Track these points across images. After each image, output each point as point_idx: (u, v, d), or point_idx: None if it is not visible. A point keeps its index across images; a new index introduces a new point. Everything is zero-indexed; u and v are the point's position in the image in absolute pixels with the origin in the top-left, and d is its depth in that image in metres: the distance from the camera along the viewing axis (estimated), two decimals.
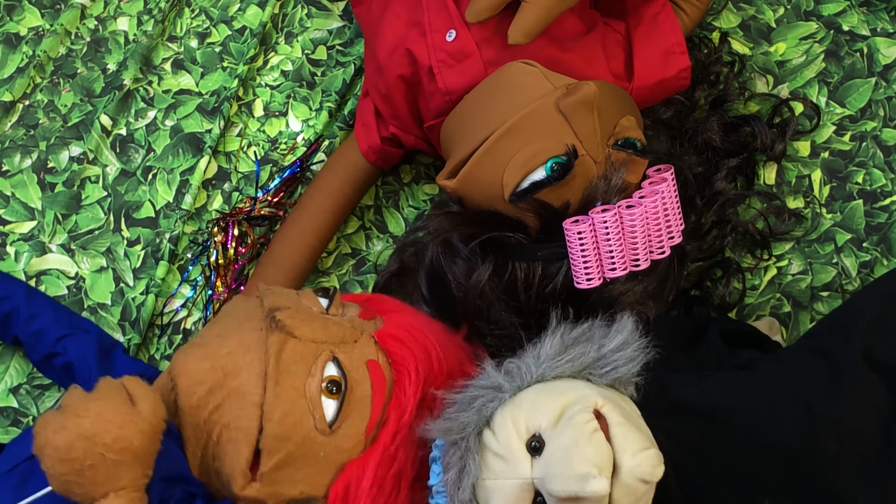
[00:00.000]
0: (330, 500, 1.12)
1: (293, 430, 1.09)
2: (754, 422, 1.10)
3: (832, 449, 1.07)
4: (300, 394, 1.10)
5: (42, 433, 0.97)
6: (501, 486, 1.07)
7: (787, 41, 1.51)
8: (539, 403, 1.09)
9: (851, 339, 1.12)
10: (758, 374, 1.15)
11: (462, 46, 1.32)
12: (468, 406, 1.12)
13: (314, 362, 1.12)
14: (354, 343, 1.16)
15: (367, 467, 1.12)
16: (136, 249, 1.50)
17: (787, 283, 1.44)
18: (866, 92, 1.49)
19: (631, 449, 1.03)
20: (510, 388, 1.12)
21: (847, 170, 1.47)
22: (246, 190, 1.53)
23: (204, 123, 1.55)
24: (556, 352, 1.13)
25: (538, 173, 1.21)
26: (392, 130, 1.43)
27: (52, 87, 1.57)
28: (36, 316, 1.37)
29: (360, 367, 1.14)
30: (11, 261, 1.49)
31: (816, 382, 1.10)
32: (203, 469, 1.14)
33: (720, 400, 1.13)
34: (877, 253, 1.44)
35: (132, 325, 1.46)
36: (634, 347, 1.13)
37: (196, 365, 1.11)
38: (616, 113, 1.23)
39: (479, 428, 1.11)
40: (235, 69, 1.57)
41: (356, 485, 1.12)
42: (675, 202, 1.22)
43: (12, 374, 1.43)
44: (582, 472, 1.00)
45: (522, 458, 1.07)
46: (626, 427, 1.04)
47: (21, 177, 1.53)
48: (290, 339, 1.12)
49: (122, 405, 0.99)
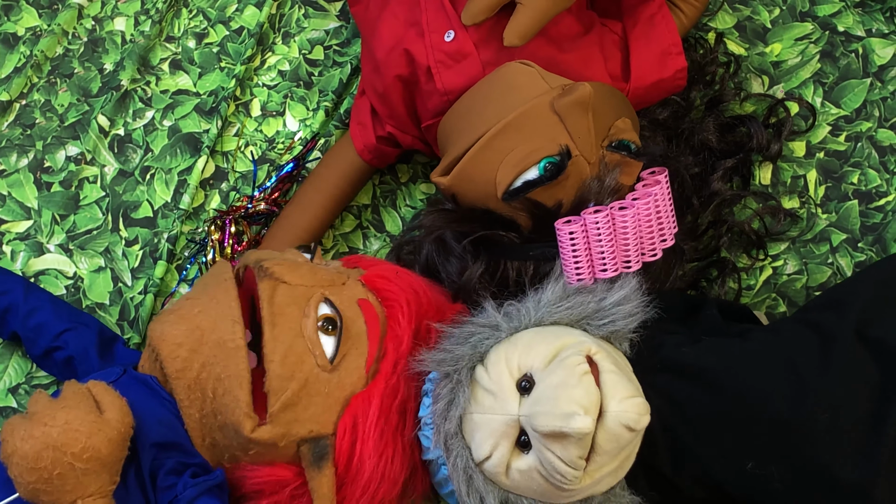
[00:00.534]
0: (339, 434, 1.15)
1: (296, 369, 1.12)
2: (744, 387, 1.12)
3: (821, 420, 1.08)
4: (297, 333, 1.13)
5: (10, 440, 0.98)
6: (488, 421, 1.10)
7: (782, 42, 1.52)
8: (534, 345, 1.12)
9: (846, 315, 1.14)
10: (751, 342, 1.17)
11: (460, 47, 1.33)
12: (464, 341, 1.15)
13: (307, 304, 1.15)
14: (342, 285, 1.20)
15: (373, 398, 1.16)
16: (135, 249, 1.50)
17: (783, 283, 1.45)
18: (861, 92, 1.49)
19: (619, 395, 1.05)
20: (507, 329, 1.16)
21: (842, 170, 1.47)
22: (243, 189, 1.53)
23: (202, 123, 1.56)
24: (557, 298, 1.16)
25: (531, 172, 1.21)
26: (389, 130, 1.43)
27: (49, 86, 1.57)
28: (35, 310, 1.37)
29: (352, 305, 1.18)
30: (8, 260, 1.48)
31: (809, 354, 1.12)
32: (206, 431, 1.15)
33: (712, 362, 1.14)
34: (872, 253, 1.45)
35: (131, 325, 1.46)
36: (635, 304, 1.16)
37: (172, 329, 1.14)
38: (611, 114, 1.24)
39: (472, 362, 1.15)
40: (233, 69, 1.57)
41: (363, 417, 1.15)
42: (668, 205, 1.22)
43: (11, 374, 1.43)
44: (568, 411, 1.02)
45: (511, 395, 1.09)
46: (616, 375, 1.07)
47: (17, 176, 1.53)
48: (280, 284, 1.15)
49: (89, 413, 1.00)
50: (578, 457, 1.04)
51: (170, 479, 1.12)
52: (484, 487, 1.13)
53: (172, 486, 1.12)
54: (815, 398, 1.09)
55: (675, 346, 1.18)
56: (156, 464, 1.11)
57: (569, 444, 1.03)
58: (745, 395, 1.12)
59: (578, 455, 1.04)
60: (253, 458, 1.14)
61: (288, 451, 1.14)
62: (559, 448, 1.04)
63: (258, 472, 1.15)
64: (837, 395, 1.09)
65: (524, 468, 1.10)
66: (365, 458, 1.15)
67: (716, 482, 1.14)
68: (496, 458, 1.10)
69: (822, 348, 1.12)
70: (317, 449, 1.14)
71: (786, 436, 1.10)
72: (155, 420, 1.13)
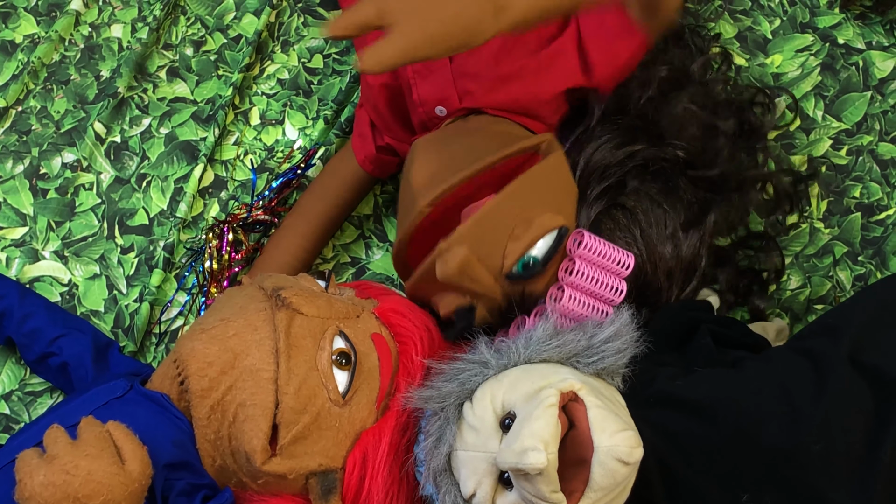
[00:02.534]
0: (348, 467, 1.14)
1: (308, 402, 1.11)
2: (738, 417, 1.11)
3: (815, 448, 1.07)
4: (312, 367, 1.12)
5: (28, 484, 0.96)
6: (472, 458, 1.09)
7: (783, 53, 1.52)
8: (519, 383, 1.10)
9: (840, 341, 1.12)
10: (744, 372, 1.16)
11: None
12: (453, 377, 1.14)
13: (322, 336, 1.14)
14: (357, 318, 1.19)
15: (384, 434, 1.15)
16: (130, 257, 1.48)
17: (787, 298, 1.44)
18: (862, 106, 1.50)
19: (609, 430, 1.03)
20: (496, 366, 1.14)
21: (844, 184, 1.47)
22: (242, 198, 1.52)
23: (199, 131, 1.54)
24: (547, 336, 1.15)
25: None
26: (387, 140, 1.43)
27: (46, 93, 1.56)
28: (30, 316, 1.35)
29: (366, 340, 1.17)
30: (3, 266, 1.47)
31: (802, 382, 1.11)
32: (218, 453, 1.14)
33: (706, 394, 1.13)
34: (871, 266, 1.44)
35: (126, 333, 1.44)
36: (624, 340, 1.14)
37: (204, 348, 1.12)
38: (500, 242, 1.20)
39: (460, 399, 1.13)
40: (230, 77, 1.57)
41: (374, 452, 1.15)
42: (595, 271, 1.22)
43: (4, 381, 1.41)
44: (525, 446, 1.00)
45: (494, 432, 1.08)
46: (603, 410, 1.05)
47: (13, 183, 1.51)
48: (296, 315, 1.14)
49: (112, 465, 0.98)
50: (551, 491, 1.02)
51: (180, 501, 1.10)
52: None
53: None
54: (808, 426, 1.08)
55: (667, 379, 1.17)
56: (167, 485, 1.10)
57: (534, 480, 1.01)
58: (738, 425, 1.11)
59: (550, 490, 1.01)
60: (261, 487, 1.14)
61: (296, 484, 1.14)
62: (528, 485, 1.02)
63: (265, 502, 1.14)
64: (831, 422, 1.08)
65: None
66: (373, 493, 1.15)
67: None
68: (480, 496, 1.09)
69: (815, 376, 1.11)
70: (325, 482, 1.14)
71: (780, 465, 1.09)
72: (167, 440, 1.11)
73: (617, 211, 1.28)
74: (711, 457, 1.11)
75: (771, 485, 1.09)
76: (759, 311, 1.41)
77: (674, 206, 1.29)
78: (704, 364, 1.20)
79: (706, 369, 1.18)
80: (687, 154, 1.30)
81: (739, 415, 1.11)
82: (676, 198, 1.29)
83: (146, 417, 1.12)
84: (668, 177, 1.29)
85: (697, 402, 1.13)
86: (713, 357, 1.22)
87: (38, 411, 1.41)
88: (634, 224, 1.28)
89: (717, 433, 1.11)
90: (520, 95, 1.30)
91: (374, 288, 1.32)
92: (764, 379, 1.14)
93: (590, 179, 1.27)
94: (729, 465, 1.11)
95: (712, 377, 1.16)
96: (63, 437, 1.00)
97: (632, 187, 1.28)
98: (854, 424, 1.08)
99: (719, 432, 1.11)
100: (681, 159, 1.29)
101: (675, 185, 1.29)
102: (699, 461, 1.12)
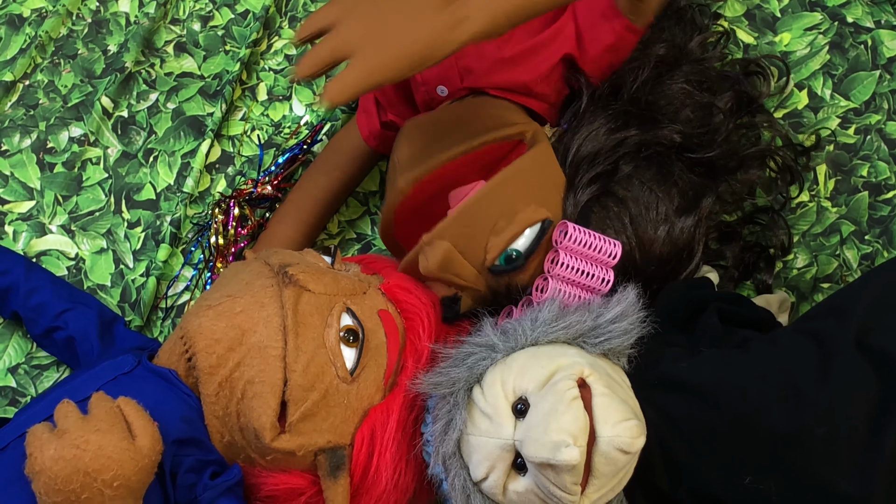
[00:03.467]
0: (356, 444, 1.15)
1: (317, 380, 1.11)
2: (741, 401, 1.10)
3: (818, 433, 1.06)
4: (320, 344, 1.12)
5: (38, 458, 0.96)
6: (485, 444, 1.09)
7: (791, 31, 1.51)
8: (528, 367, 1.11)
9: (846, 323, 1.11)
10: (749, 354, 1.15)
11: None
12: (461, 362, 1.15)
13: (329, 313, 1.14)
14: (363, 295, 1.19)
15: (392, 411, 1.16)
16: (137, 231, 1.49)
17: (793, 277, 1.44)
18: (870, 85, 1.49)
19: (612, 419, 1.04)
20: (504, 349, 1.15)
21: (852, 163, 1.47)
22: (250, 173, 1.52)
23: (206, 107, 1.54)
24: (553, 317, 1.16)
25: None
26: (391, 117, 1.43)
27: (53, 67, 1.56)
28: (36, 290, 1.36)
29: (373, 316, 1.17)
30: (10, 240, 1.47)
31: (807, 366, 1.10)
32: (226, 429, 1.14)
33: (709, 377, 1.13)
34: (878, 245, 1.44)
35: (132, 307, 1.45)
36: (631, 320, 1.15)
37: (211, 324, 1.12)
38: (482, 236, 1.21)
39: (469, 384, 1.14)
40: (238, 53, 1.56)
41: (382, 429, 1.15)
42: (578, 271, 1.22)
43: (11, 354, 1.42)
44: (556, 440, 1.01)
45: (507, 419, 1.09)
46: (608, 398, 1.06)
47: (20, 156, 1.51)
48: (304, 292, 1.14)
49: (122, 440, 0.98)
50: (573, 483, 1.03)
51: (189, 477, 1.11)
52: None
53: (192, 485, 1.11)
54: (811, 411, 1.07)
55: (672, 361, 1.17)
56: (176, 461, 1.10)
57: (561, 472, 1.02)
58: (740, 409, 1.10)
59: (572, 482, 1.03)
60: (269, 463, 1.14)
61: (305, 460, 1.14)
62: (553, 475, 1.03)
63: (274, 478, 1.15)
64: (835, 407, 1.07)
65: (521, 490, 1.09)
66: (382, 469, 1.15)
67: (713, 497, 1.13)
68: (492, 480, 1.10)
69: (820, 359, 1.10)
70: (333, 459, 1.14)
71: (782, 450, 1.08)
72: (175, 416, 1.11)
73: (607, 198, 1.27)
74: (713, 441, 1.11)
75: (773, 470, 1.09)
76: (766, 287, 1.41)
77: (668, 192, 1.28)
78: (710, 345, 1.19)
79: (711, 350, 1.17)
80: (682, 136, 1.29)
81: (741, 400, 1.10)
82: (671, 183, 1.28)
83: (154, 393, 1.13)
84: (662, 161, 1.28)
85: (700, 386, 1.13)
86: (719, 337, 1.22)
87: (45, 385, 1.41)
88: (624, 212, 1.27)
89: (718, 418, 1.11)
90: (520, 74, 1.30)
91: (379, 261, 1.32)
92: (768, 363, 1.13)
93: (580, 166, 1.26)
94: (730, 450, 1.11)
95: (716, 359, 1.15)
96: (74, 411, 1.00)
97: (624, 173, 1.27)
98: (858, 410, 1.07)
99: (720, 417, 1.11)
100: (676, 142, 1.29)
101: (669, 170, 1.28)
102: (700, 445, 1.12)
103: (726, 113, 1.34)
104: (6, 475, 1.06)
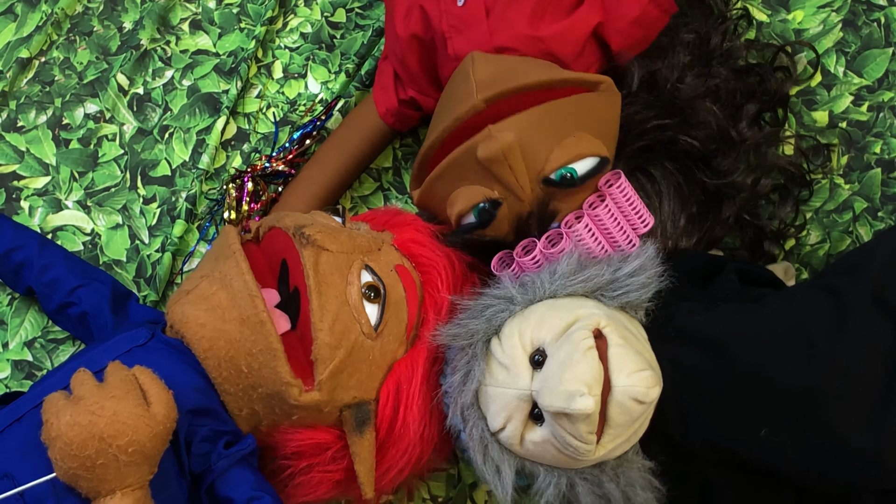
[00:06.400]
0: (382, 399, 1.16)
1: (343, 337, 1.12)
2: (756, 355, 1.11)
3: (832, 387, 1.07)
4: (343, 302, 1.13)
5: (54, 424, 0.96)
6: (502, 394, 1.11)
7: (804, 9, 1.52)
8: (546, 319, 1.12)
9: (862, 279, 1.12)
10: (764, 308, 1.15)
11: (471, 12, 1.32)
12: (479, 314, 1.16)
13: (349, 271, 1.15)
14: (378, 251, 1.20)
15: (417, 364, 1.17)
16: (152, 207, 1.49)
17: (806, 254, 1.44)
18: (883, 62, 1.49)
19: (627, 370, 1.05)
20: (522, 301, 1.16)
21: (865, 140, 1.47)
22: (265, 150, 1.52)
23: (221, 84, 1.55)
24: (572, 270, 1.16)
25: (469, 217, 1.24)
26: (411, 94, 1.43)
27: (69, 44, 1.56)
28: (50, 266, 1.36)
29: (390, 272, 1.18)
30: (26, 215, 1.48)
31: (822, 320, 1.11)
32: (245, 403, 1.14)
33: (724, 330, 1.14)
34: (891, 222, 1.44)
35: (147, 282, 1.45)
36: (649, 274, 1.16)
37: (192, 311, 1.13)
38: (547, 145, 1.21)
39: (487, 336, 1.15)
40: (253, 30, 1.57)
41: (407, 383, 1.16)
42: (616, 217, 1.22)
43: (27, 328, 1.42)
44: (571, 389, 1.02)
45: (524, 369, 1.10)
46: (624, 348, 1.07)
47: (36, 132, 1.52)
48: (322, 251, 1.14)
49: (137, 406, 0.98)
50: (588, 432, 1.05)
51: (204, 446, 1.12)
52: (499, 457, 1.13)
53: (207, 454, 1.11)
54: (826, 365, 1.08)
55: (688, 315, 1.17)
56: (191, 430, 1.11)
57: (577, 421, 1.03)
58: (755, 363, 1.11)
59: (588, 431, 1.04)
60: (295, 422, 1.15)
61: (331, 416, 1.15)
62: (568, 425, 1.04)
63: (300, 434, 1.15)
64: (849, 361, 1.08)
65: (538, 440, 1.10)
66: (409, 422, 1.16)
67: (728, 448, 1.14)
68: (510, 430, 1.10)
69: (836, 314, 1.11)
70: (359, 414, 1.15)
71: (796, 403, 1.09)
72: (189, 387, 1.12)
73: (642, 176, 1.28)
74: (727, 393, 1.12)
75: (787, 423, 1.09)
76: (771, 257, 1.42)
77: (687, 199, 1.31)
78: (726, 300, 1.20)
79: (727, 304, 1.18)
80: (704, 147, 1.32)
81: (757, 352, 1.11)
82: (693, 185, 1.32)
83: (169, 365, 1.13)
84: (689, 167, 1.32)
85: (713, 338, 1.13)
86: (737, 293, 1.22)
87: (61, 358, 1.42)
88: (655, 193, 1.28)
89: (729, 370, 1.12)
90: (556, 49, 1.31)
91: (387, 213, 1.33)
92: (784, 317, 1.14)
93: (628, 135, 1.28)
94: (742, 402, 1.11)
95: (731, 313, 1.16)
96: (90, 379, 1.01)
97: (659, 160, 1.29)
98: (872, 364, 1.08)
99: (732, 369, 1.11)
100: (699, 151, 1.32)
101: (692, 176, 1.32)
102: (715, 397, 1.12)
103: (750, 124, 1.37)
104: (23, 444, 1.06)
